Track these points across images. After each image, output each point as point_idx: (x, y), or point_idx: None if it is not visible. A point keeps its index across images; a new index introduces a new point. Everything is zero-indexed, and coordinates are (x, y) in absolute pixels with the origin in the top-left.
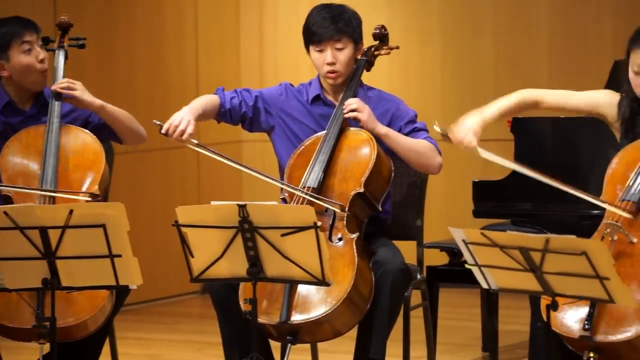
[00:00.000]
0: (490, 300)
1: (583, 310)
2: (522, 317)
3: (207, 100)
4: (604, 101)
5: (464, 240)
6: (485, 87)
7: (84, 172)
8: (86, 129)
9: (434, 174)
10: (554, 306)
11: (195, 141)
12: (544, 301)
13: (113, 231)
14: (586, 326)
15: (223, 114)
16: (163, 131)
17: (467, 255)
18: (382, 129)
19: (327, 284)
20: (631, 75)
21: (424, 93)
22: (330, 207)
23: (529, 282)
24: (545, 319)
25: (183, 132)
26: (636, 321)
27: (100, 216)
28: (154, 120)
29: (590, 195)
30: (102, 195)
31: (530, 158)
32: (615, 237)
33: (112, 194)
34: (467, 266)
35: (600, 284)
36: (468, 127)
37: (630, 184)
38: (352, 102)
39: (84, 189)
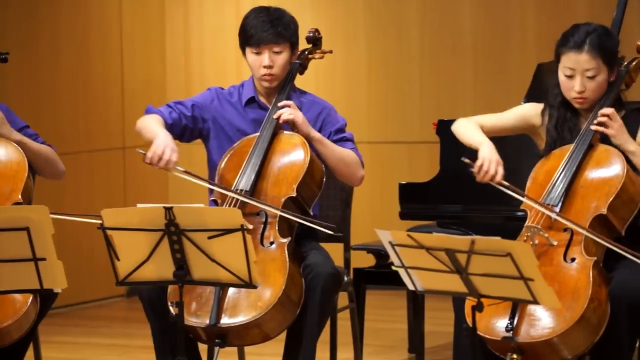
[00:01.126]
0: (416, 302)
1: (505, 312)
2: (447, 319)
3: (158, 120)
4: (530, 113)
5: (390, 242)
6: (411, 89)
7: (6, 182)
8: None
9: (355, 185)
10: (479, 307)
11: (182, 168)
12: (470, 302)
13: (37, 234)
14: (509, 327)
15: (168, 130)
16: (147, 161)
17: (393, 257)
18: (315, 134)
19: (254, 287)
20: (562, 78)
21: (349, 95)
22: (263, 208)
23: (454, 283)
24: (471, 321)
25: (169, 161)
26: (555, 321)
27: (24, 219)
28: (138, 149)
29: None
30: (25, 204)
31: (455, 160)
32: (537, 241)
33: (36, 197)
34: (393, 268)
35: (525, 285)
36: (490, 158)
37: (551, 188)
38: (286, 105)
39: (6, 198)
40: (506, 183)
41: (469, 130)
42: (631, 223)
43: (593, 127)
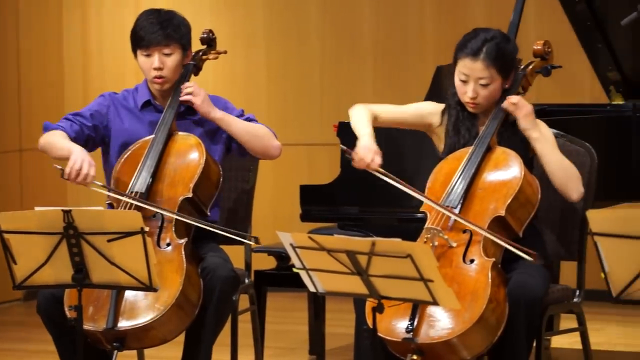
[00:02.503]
0: (317, 304)
1: (406, 314)
2: (348, 320)
3: (63, 135)
4: (429, 111)
5: (291, 244)
6: (311, 92)
7: None
8: None
9: (274, 157)
10: (379, 309)
11: (100, 183)
12: (370, 304)
13: None
14: (409, 328)
15: None
16: (65, 177)
17: (294, 259)
18: (217, 113)
19: (155, 290)
20: (457, 82)
21: (249, 97)
22: (159, 212)
23: (355, 285)
24: (371, 322)
25: (87, 175)
26: (455, 322)
27: None
28: (55, 165)
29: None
30: None
31: None
32: (436, 242)
33: None
34: (295, 270)
35: (425, 286)
36: (368, 147)
37: (450, 190)
38: (189, 86)
39: None
40: (382, 170)
41: (360, 118)
42: (529, 224)
43: (504, 107)
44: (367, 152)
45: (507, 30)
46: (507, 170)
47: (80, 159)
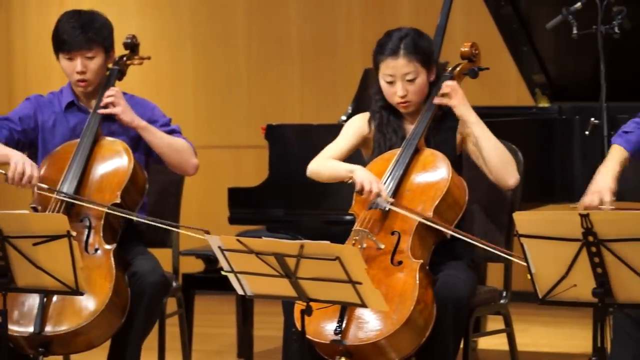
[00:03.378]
0: (245, 307)
1: (334, 316)
2: (277, 323)
3: None
4: (360, 126)
5: (219, 247)
6: (238, 94)
7: None
8: None
9: (190, 174)
10: (308, 311)
11: (45, 185)
12: (299, 306)
13: None
14: (337, 330)
15: None
16: (9, 181)
17: (223, 262)
18: (140, 122)
19: (81, 294)
20: (384, 85)
21: (176, 100)
22: (106, 210)
23: (284, 287)
24: (300, 325)
25: (31, 177)
26: (383, 323)
27: None
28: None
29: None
30: None
31: (284, 165)
32: (365, 244)
33: None
34: (223, 273)
35: (353, 288)
36: (372, 178)
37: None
38: (109, 95)
39: None
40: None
41: (329, 166)
42: (457, 225)
43: (436, 101)
44: (372, 183)
45: (435, 32)
46: (434, 171)
47: (22, 161)
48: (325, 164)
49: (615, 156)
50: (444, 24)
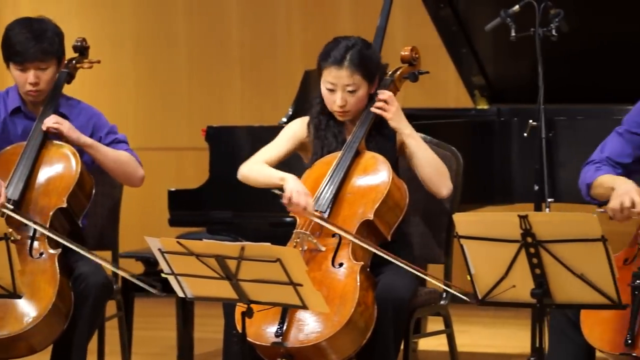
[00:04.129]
0: (186, 309)
1: (275, 318)
2: (217, 325)
3: None
4: (298, 130)
5: (160, 250)
6: (179, 96)
7: None
8: None
9: (136, 186)
10: (249, 313)
11: (11, 206)
12: (240, 309)
13: None
14: (278, 332)
15: None
16: None
17: (163, 264)
18: (86, 140)
19: (19, 297)
20: (324, 90)
21: (116, 102)
22: (34, 227)
23: (224, 289)
24: (240, 327)
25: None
26: (323, 325)
27: None
28: None
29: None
30: None
31: (224, 166)
32: (306, 247)
33: None
34: (163, 275)
35: (294, 290)
36: (301, 190)
37: (319, 195)
38: (50, 119)
39: None
40: (318, 214)
41: (261, 171)
42: (397, 228)
43: (373, 110)
44: (300, 195)
45: (374, 35)
46: (375, 174)
47: None
48: (258, 169)
49: (613, 175)
50: (383, 25)
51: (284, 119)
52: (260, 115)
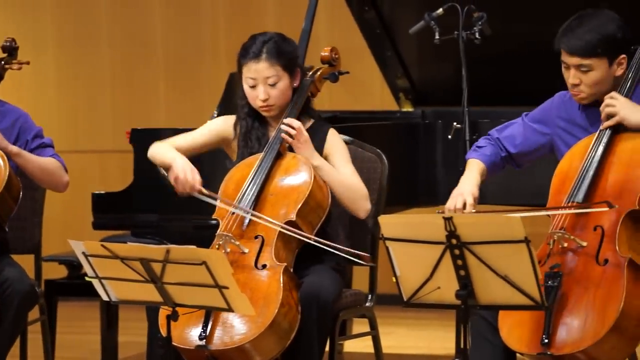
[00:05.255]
0: (110, 312)
1: (199, 321)
2: (142, 328)
3: None
4: (223, 127)
5: (84, 253)
6: (103, 98)
7: None
8: None
9: (61, 192)
10: (174, 317)
11: None
12: (164, 312)
13: None
14: (202, 335)
15: None
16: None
17: (87, 268)
18: (13, 148)
19: None
20: (247, 89)
21: (38, 104)
22: None
23: (150, 293)
24: (165, 330)
25: None
26: (247, 327)
27: None
28: None
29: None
30: None
31: (148, 169)
32: (228, 249)
33: None
34: (87, 279)
35: (220, 293)
36: (187, 168)
37: (241, 197)
38: None
39: None
40: (206, 192)
41: (161, 150)
42: (321, 229)
43: (283, 135)
44: (186, 173)
45: (299, 37)
46: (297, 175)
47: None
48: (159, 148)
49: (474, 168)
50: (308, 28)
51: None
52: (184, 118)
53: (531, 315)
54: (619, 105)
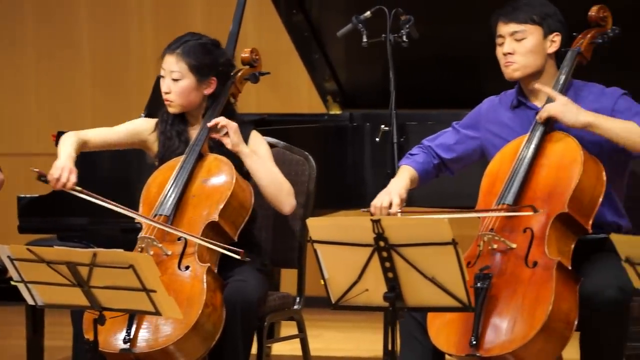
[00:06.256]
0: (35, 317)
1: (124, 324)
2: (69, 333)
3: None
4: (142, 128)
5: (9, 257)
6: (27, 102)
7: None
8: None
9: None
10: (101, 320)
11: None
12: (90, 316)
13: None
14: (126, 339)
15: None
16: None
17: (12, 272)
18: None
19: None
20: (160, 81)
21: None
22: None
23: (76, 297)
24: (90, 335)
25: None
26: (171, 329)
27: None
28: None
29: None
30: None
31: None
32: (152, 252)
33: None
34: (13, 283)
35: (147, 296)
36: (62, 166)
37: (163, 199)
38: None
39: None
40: (80, 188)
41: (63, 142)
42: (247, 231)
43: (214, 134)
44: (62, 171)
45: (227, 40)
46: (218, 176)
47: None
48: (65, 140)
49: (404, 172)
50: (236, 31)
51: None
52: (111, 120)
53: (460, 316)
54: (559, 101)
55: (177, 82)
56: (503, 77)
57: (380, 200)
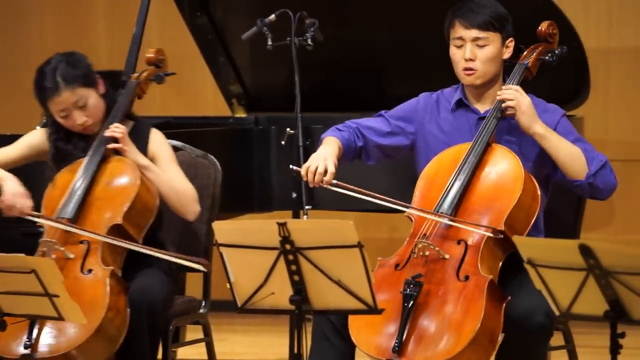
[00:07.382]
0: None
1: (24, 329)
2: None
3: None
4: (38, 140)
5: None
6: None
7: None
8: None
9: None
10: (1, 326)
11: None
12: None
13: None
14: (27, 344)
15: None
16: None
17: None
18: None
19: None
20: (61, 121)
21: None
22: None
23: None
24: None
25: None
26: (73, 332)
27: None
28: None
29: None
30: None
31: None
32: (54, 255)
33: None
34: None
35: (50, 301)
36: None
37: (65, 202)
38: None
39: None
40: (36, 214)
41: None
42: (151, 232)
43: (110, 145)
44: (18, 199)
45: (130, 42)
46: (122, 178)
47: None
48: None
49: (334, 143)
50: (140, 33)
51: (38, 127)
52: (11, 124)
53: (383, 318)
54: (527, 100)
55: (84, 107)
56: (407, 81)
57: (315, 164)
